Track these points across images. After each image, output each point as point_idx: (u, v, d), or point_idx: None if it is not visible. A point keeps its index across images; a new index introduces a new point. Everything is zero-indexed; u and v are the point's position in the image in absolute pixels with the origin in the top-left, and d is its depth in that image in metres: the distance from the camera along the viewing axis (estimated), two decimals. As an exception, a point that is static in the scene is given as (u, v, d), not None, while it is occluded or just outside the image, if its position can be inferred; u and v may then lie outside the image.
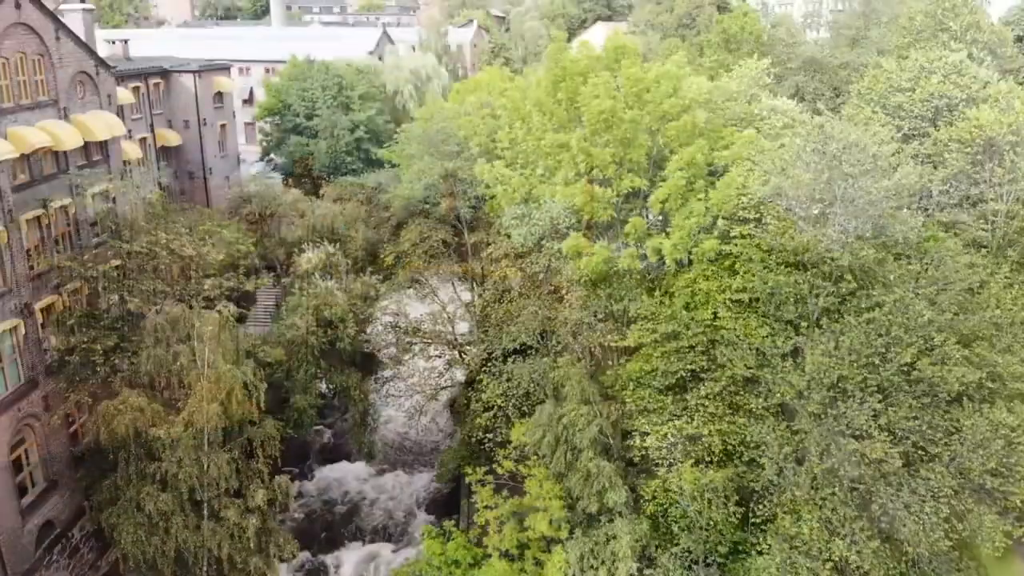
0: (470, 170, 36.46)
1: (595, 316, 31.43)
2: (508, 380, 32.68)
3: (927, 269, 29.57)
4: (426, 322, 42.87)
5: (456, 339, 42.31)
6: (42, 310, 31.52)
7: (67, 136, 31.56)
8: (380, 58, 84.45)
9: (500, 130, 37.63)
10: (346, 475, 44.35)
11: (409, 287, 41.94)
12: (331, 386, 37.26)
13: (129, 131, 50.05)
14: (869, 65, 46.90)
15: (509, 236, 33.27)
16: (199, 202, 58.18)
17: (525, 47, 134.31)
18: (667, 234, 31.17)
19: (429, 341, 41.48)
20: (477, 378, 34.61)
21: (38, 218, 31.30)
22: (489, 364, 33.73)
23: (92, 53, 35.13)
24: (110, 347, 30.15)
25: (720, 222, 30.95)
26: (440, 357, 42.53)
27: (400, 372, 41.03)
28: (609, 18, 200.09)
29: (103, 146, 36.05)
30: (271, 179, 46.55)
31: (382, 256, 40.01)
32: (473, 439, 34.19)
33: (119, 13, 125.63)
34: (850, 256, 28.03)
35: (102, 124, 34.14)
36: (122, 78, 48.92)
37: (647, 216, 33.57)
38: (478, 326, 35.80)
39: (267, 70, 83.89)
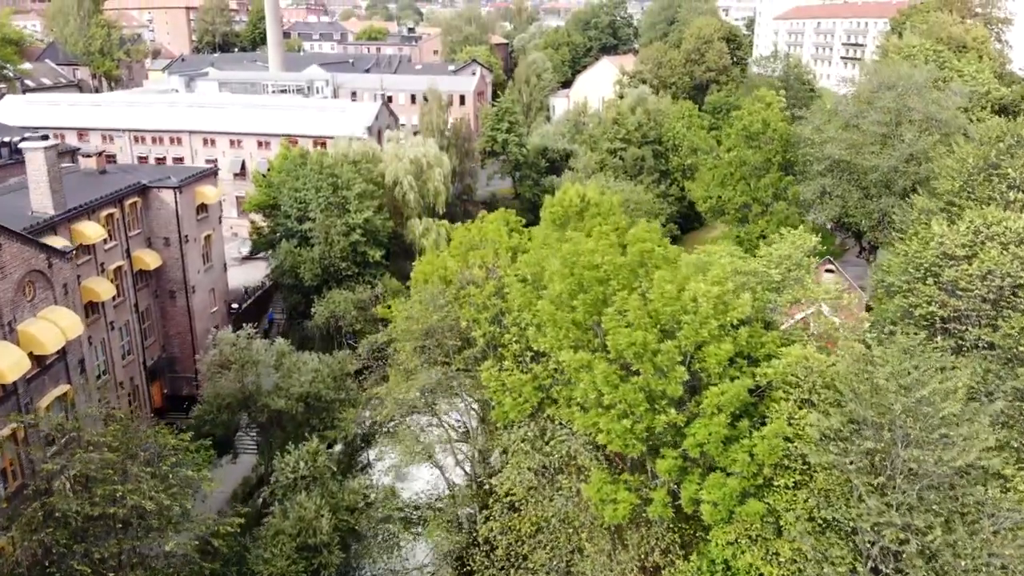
0: (475, 371, 32.30)
1: (622, 574, 27.28)
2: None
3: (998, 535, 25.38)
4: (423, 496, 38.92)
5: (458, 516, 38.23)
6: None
7: (10, 366, 27.37)
8: (379, 131, 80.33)
9: (508, 313, 33.47)
10: None
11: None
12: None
13: (102, 264, 46.08)
14: (914, 207, 42.46)
15: (520, 459, 29.06)
16: (181, 324, 54.20)
17: (530, 93, 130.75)
18: (703, 482, 26.95)
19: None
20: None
21: (-22, 460, 27.23)
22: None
23: (43, 247, 30.85)
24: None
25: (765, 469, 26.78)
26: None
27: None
28: (615, 47, 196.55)
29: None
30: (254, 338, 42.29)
31: (375, 445, 35.97)
32: None
33: (110, 59, 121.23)
34: (916, 542, 23.90)
35: (55, 333, 29.92)
36: (93, 209, 44.84)
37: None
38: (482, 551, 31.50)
39: (259, 143, 79.84)
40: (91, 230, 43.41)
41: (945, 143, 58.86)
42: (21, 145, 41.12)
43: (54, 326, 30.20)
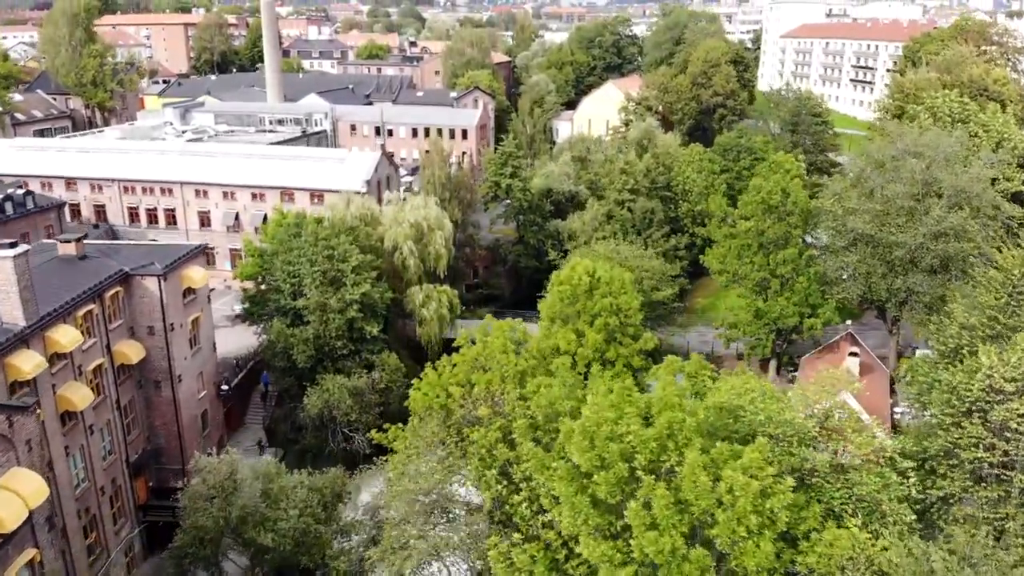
0: (479, 541, 29.27)
1: None
2: None
3: None
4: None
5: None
6: None
7: (-41, 563, 24.46)
8: (379, 183, 77.32)
9: (517, 464, 30.40)
10: None
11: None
12: None
13: (79, 367, 42.99)
14: (953, 320, 39.30)
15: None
16: (166, 414, 51.11)
17: (533, 124, 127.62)
18: None
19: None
20: None
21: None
22: None
23: (2, 408, 27.83)
24: None
25: None
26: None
27: None
28: (619, 67, 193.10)
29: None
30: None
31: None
32: None
33: (103, 89, 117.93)
34: None
35: (17, 507, 26.90)
36: (70, 311, 41.75)
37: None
38: None
39: (254, 195, 76.81)
40: (67, 337, 40.36)
41: (974, 214, 55.88)
42: (-9, 254, 38.10)
43: (15, 497, 27.18)
